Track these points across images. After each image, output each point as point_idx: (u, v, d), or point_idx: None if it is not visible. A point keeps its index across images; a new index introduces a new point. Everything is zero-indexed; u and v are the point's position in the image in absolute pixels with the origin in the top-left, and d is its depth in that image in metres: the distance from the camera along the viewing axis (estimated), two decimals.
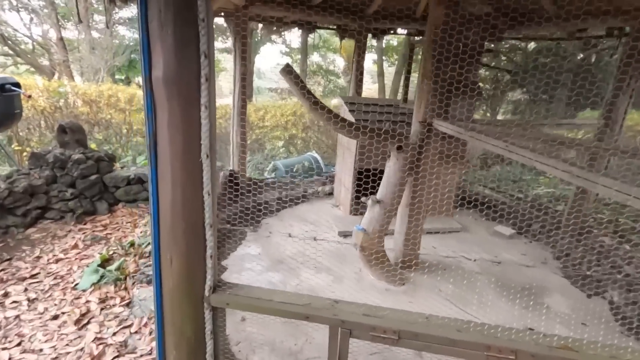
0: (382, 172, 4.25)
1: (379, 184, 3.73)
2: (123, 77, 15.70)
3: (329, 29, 5.65)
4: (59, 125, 3.98)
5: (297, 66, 17.02)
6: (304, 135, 7.04)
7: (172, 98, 1.19)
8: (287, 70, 2.65)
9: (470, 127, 2.72)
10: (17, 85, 3.76)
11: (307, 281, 3.20)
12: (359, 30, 4.77)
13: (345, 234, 4.12)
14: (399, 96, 13.90)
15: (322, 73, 16.45)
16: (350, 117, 4.10)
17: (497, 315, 2.69)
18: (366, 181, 4.03)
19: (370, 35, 5.34)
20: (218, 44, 17.43)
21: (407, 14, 4.85)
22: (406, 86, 4.08)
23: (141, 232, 3.66)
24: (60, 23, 12.81)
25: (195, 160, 1.26)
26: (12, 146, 4.92)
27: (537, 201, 5.21)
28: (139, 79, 17.05)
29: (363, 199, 4.04)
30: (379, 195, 3.20)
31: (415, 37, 5.53)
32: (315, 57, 17.82)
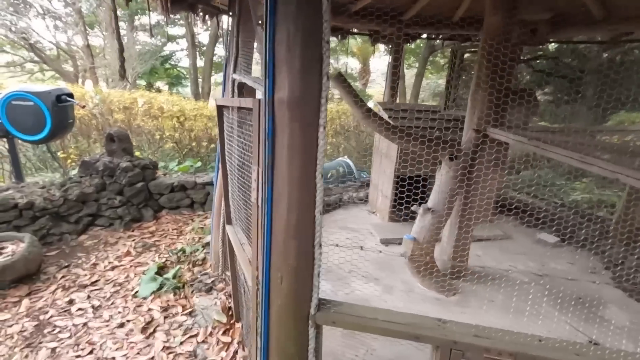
0: (423, 179, 4.21)
1: (419, 192, 3.69)
2: (144, 83, 16.02)
3: (362, 34, 5.64)
4: (108, 133, 4.08)
5: None
6: (333, 141, 7.04)
7: (293, 120, 1.20)
8: (340, 79, 2.67)
9: (533, 137, 2.67)
10: (71, 95, 3.87)
11: (358, 291, 3.19)
12: (398, 36, 4.75)
13: (387, 242, 4.10)
14: (420, 99, 13.81)
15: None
16: None
17: (557, 329, 2.63)
18: (406, 188, 4.01)
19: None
20: None
21: (445, 19, 4.81)
22: (449, 93, 4.05)
23: (189, 240, 3.71)
24: (87, 31, 13.13)
25: (311, 181, 1.26)
26: (59, 153, 5.06)
27: (577, 207, 5.10)
28: (158, 84, 17.37)
29: (413, 207, 4.01)
30: (430, 204, 3.18)
31: (461, 43, 5.48)
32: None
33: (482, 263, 3.68)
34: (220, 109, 2.24)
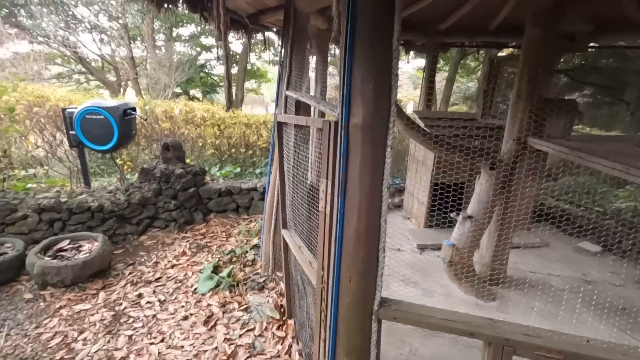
0: (459, 186, 4.29)
1: (456, 199, 3.76)
2: (181, 91, 16.82)
3: None
4: (164, 143, 4.46)
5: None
6: None
7: (365, 141, 1.40)
8: None
9: (575, 147, 2.73)
10: (134, 109, 4.29)
11: (397, 294, 3.33)
12: (435, 46, 4.87)
13: (423, 247, 4.21)
14: (451, 102, 13.62)
15: None
16: None
17: (601, 337, 2.66)
18: (443, 195, 4.12)
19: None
20: (265, 55, 18.28)
21: (481, 27, 4.87)
22: (489, 101, 4.12)
23: (237, 242, 4.00)
24: (130, 43, 14.02)
25: (378, 193, 1.46)
26: (117, 160, 5.54)
27: (621, 216, 4.98)
28: (193, 92, 18.17)
29: (452, 214, 4.12)
30: (469, 211, 3.28)
31: (495, 50, 5.51)
32: None
33: (520, 270, 3.72)
34: (280, 125, 2.48)
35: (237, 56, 15.78)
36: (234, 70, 15.79)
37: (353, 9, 1.32)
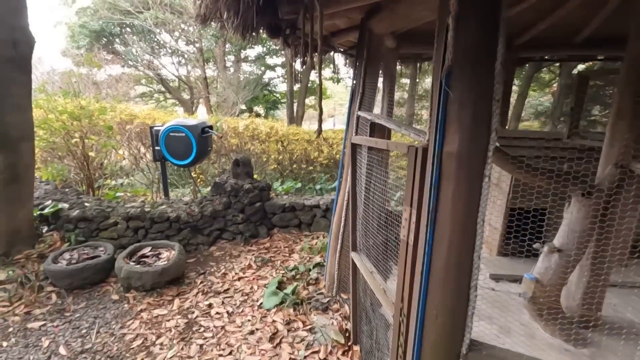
0: (540, 213, 3.89)
1: (536, 226, 3.38)
2: (245, 108, 17.88)
3: None
4: (235, 159, 4.71)
5: (405, 92, 17.08)
6: None
7: (460, 171, 1.32)
8: None
9: None
10: (211, 127, 4.62)
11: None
12: (511, 61, 4.58)
13: (497, 277, 3.86)
14: (521, 121, 12.67)
15: (429, 98, 16.17)
16: None
17: None
18: (519, 221, 3.75)
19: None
20: (326, 72, 18.78)
21: (565, 40, 4.47)
22: (576, 120, 3.73)
23: (300, 258, 4.03)
24: (204, 65, 15.33)
25: (472, 226, 1.35)
26: (192, 174, 5.98)
27: None
28: (256, 109, 19.20)
29: (536, 245, 3.75)
30: (556, 243, 2.94)
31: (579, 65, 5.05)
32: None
33: (620, 314, 3.23)
34: (354, 146, 2.46)
35: (300, 75, 16.41)
36: (296, 87, 16.42)
37: (454, 29, 1.26)
